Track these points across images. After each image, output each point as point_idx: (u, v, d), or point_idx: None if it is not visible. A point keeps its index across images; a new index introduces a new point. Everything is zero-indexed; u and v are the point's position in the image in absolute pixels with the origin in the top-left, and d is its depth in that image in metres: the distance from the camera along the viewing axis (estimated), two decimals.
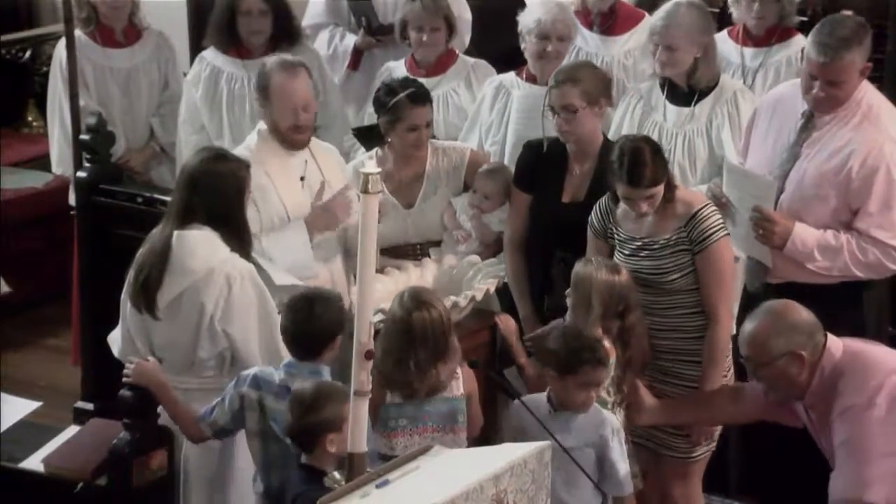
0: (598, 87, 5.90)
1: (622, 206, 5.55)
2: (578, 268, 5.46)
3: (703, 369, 5.49)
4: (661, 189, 5.44)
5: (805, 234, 5.57)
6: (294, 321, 5.16)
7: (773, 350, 4.90)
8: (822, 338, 4.93)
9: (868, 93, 5.65)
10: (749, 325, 4.99)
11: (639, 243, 5.53)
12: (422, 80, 6.57)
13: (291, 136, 6.05)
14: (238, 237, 5.47)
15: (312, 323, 5.13)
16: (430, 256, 6.24)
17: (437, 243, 6.31)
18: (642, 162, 5.39)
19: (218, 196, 5.44)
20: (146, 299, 5.44)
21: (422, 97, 6.22)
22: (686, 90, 6.37)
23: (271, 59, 6.18)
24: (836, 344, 4.94)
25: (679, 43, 6.26)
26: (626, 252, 5.56)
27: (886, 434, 4.79)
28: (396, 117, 6.20)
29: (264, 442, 5.18)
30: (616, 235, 5.60)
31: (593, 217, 5.66)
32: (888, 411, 4.80)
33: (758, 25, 6.90)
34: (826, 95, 5.57)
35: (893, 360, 4.95)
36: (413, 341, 5.20)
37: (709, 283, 5.44)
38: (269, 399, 5.14)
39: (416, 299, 5.26)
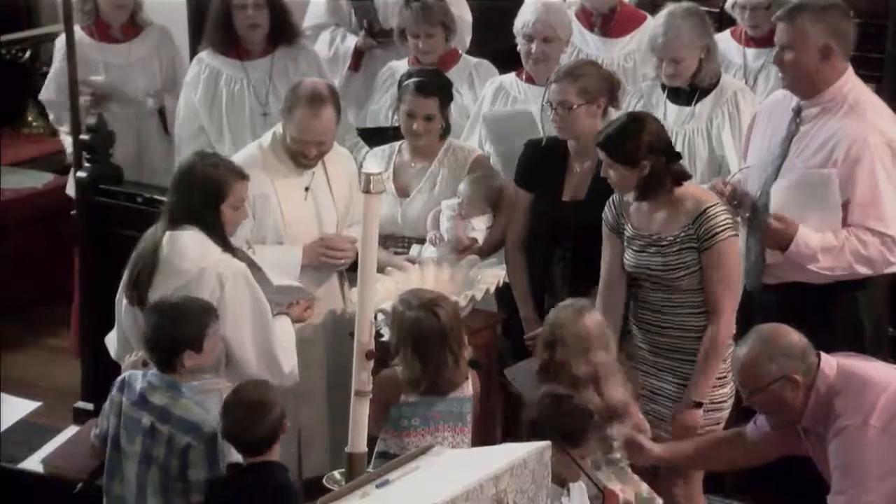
0: (598, 86, 5.88)
1: (633, 202, 5.55)
2: (550, 313, 5.43)
3: (697, 365, 5.47)
4: (629, 170, 5.41)
5: (809, 237, 5.56)
6: (150, 330, 5.15)
7: (766, 376, 4.90)
8: (814, 359, 4.92)
9: (854, 87, 5.65)
10: (740, 352, 4.99)
11: (647, 240, 5.53)
12: None
13: (299, 159, 6.04)
14: (222, 239, 5.47)
15: (166, 333, 5.11)
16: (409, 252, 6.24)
17: (424, 240, 6.29)
18: (617, 129, 5.43)
19: (198, 198, 5.43)
20: (138, 298, 5.44)
21: (427, 88, 6.19)
22: (687, 89, 6.39)
23: (306, 83, 6.09)
24: (830, 363, 4.93)
25: (683, 54, 6.29)
26: (635, 248, 5.56)
27: (881, 455, 4.78)
28: (400, 100, 6.26)
29: (114, 447, 5.17)
30: (625, 231, 5.60)
31: (607, 211, 5.65)
32: (882, 431, 4.80)
33: (754, 31, 6.93)
34: (779, 60, 5.62)
35: (886, 376, 4.94)
36: (447, 339, 5.26)
37: (712, 281, 5.44)
38: (126, 404, 5.14)
39: (428, 299, 5.32)
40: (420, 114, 6.19)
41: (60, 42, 7.46)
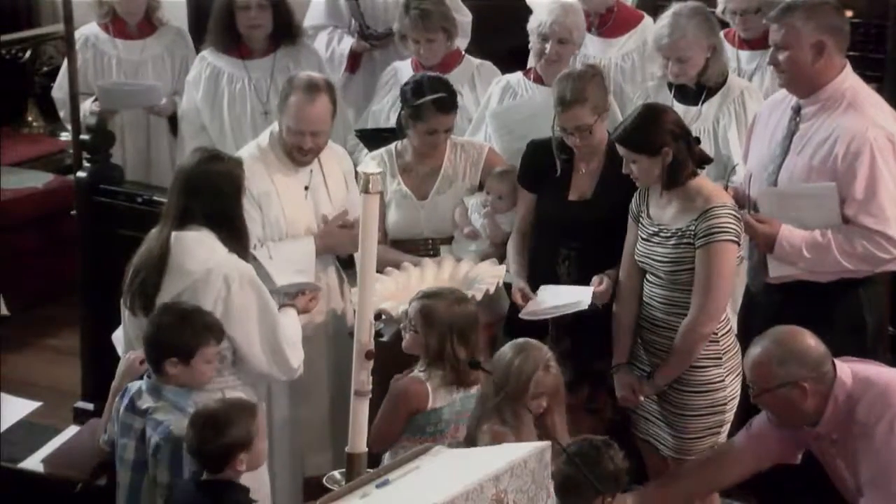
0: (602, 94, 5.86)
1: (657, 191, 5.55)
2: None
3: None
4: (651, 159, 5.43)
5: (791, 235, 5.57)
6: (150, 327, 5.17)
7: (775, 378, 4.91)
8: (829, 366, 4.92)
9: (852, 83, 5.65)
10: (754, 351, 5.00)
11: (655, 229, 5.54)
12: None
13: (294, 155, 6.02)
14: (236, 237, 5.46)
15: (161, 334, 5.12)
16: (440, 253, 6.22)
17: (449, 240, 6.29)
18: (634, 121, 5.46)
19: (215, 197, 5.43)
20: (143, 302, 5.42)
21: (448, 104, 6.16)
22: (694, 89, 6.38)
23: (301, 74, 6.12)
24: (846, 371, 4.93)
25: (688, 53, 6.29)
26: (644, 236, 5.58)
27: None
28: (418, 118, 6.17)
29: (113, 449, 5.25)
30: (640, 219, 5.62)
31: (633, 201, 5.66)
32: None
33: (746, 34, 6.93)
34: (775, 61, 5.65)
35: None
36: (479, 324, 5.40)
37: (699, 279, 5.44)
38: (122, 411, 5.19)
39: (450, 291, 5.46)
40: (442, 129, 6.18)
41: (79, 33, 7.47)
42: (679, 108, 6.36)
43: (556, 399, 5.17)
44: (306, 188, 6.09)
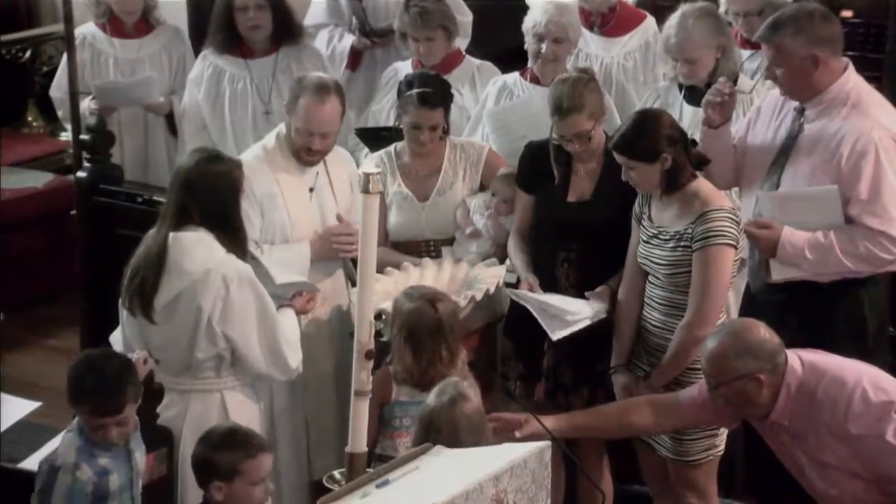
0: (598, 98, 5.84)
1: (658, 194, 5.55)
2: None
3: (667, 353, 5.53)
4: (650, 165, 5.43)
5: (793, 237, 5.57)
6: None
7: (731, 371, 4.93)
8: (783, 357, 4.95)
9: (856, 84, 5.64)
10: (710, 344, 5.01)
11: (655, 231, 5.55)
12: None
13: (301, 155, 6.03)
14: (234, 237, 5.46)
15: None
16: (441, 254, 6.22)
17: (450, 241, 6.28)
18: (631, 129, 5.46)
19: (213, 197, 5.43)
20: (142, 302, 5.43)
21: (431, 99, 6.13)
22: (703, 90, 6.37)
23: (311, 75, 6.13)
24: (795, 359, 4.96)
25: (696, 54, 6.28)
26: (644, 238, 5.59)
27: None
28: (404, 111, 6.20)
29: None
30: (642, 220, 5.62)
31: (636, 203, 5.66)
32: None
33: (749, 34, 6.92)
34: (772, 76, 5.66)
35: (852, 367, 4.99)
36: (442, 333, 5.31)
37: (695, 282, 5.44)
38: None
39: (429, 292, 5.40)
40: (426, 125, 6.16)
41: (77, 32, 7.47)
42: (688, 109, 6.38)
43: None
44: (311, 190, 6.09)
